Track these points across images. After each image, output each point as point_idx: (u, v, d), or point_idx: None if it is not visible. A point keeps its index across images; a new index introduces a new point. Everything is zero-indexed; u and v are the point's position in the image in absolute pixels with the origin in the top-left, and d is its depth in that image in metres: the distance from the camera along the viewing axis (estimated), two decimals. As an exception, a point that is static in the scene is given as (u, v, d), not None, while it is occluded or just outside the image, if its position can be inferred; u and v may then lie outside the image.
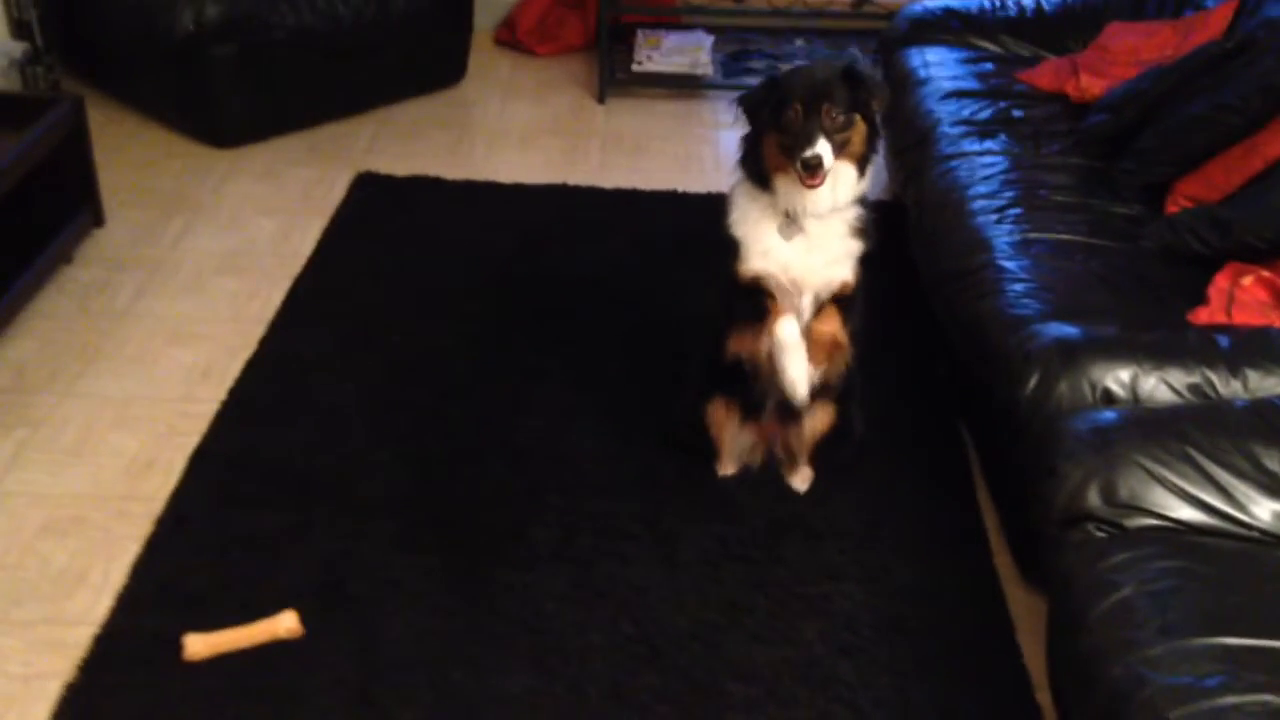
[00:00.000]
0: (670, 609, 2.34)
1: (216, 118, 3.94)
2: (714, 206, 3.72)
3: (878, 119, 2.32)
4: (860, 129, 2.29)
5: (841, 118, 2.24)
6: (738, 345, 2.44)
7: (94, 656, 2.18)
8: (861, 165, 2.31)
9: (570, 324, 3.18)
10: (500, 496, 2.60)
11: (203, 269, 3.35)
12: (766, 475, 2.67)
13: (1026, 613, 2.37)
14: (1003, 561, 2.49)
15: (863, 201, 2.37)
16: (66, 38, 4.12)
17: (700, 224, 3.66)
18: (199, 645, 2.18)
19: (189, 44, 3.70)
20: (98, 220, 3.43)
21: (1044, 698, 2.15)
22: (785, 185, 2.30)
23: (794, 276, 2.35)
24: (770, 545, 2.50)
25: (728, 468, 2.67)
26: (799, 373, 2.36)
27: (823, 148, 2.20)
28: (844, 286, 2.38)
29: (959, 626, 2.34)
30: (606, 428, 2.80)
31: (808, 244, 2.35)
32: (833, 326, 2.39)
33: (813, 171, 2.20)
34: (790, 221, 2.34)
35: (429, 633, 2.27)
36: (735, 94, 2.44)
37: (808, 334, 2.37)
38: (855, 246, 2.37)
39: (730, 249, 2.41)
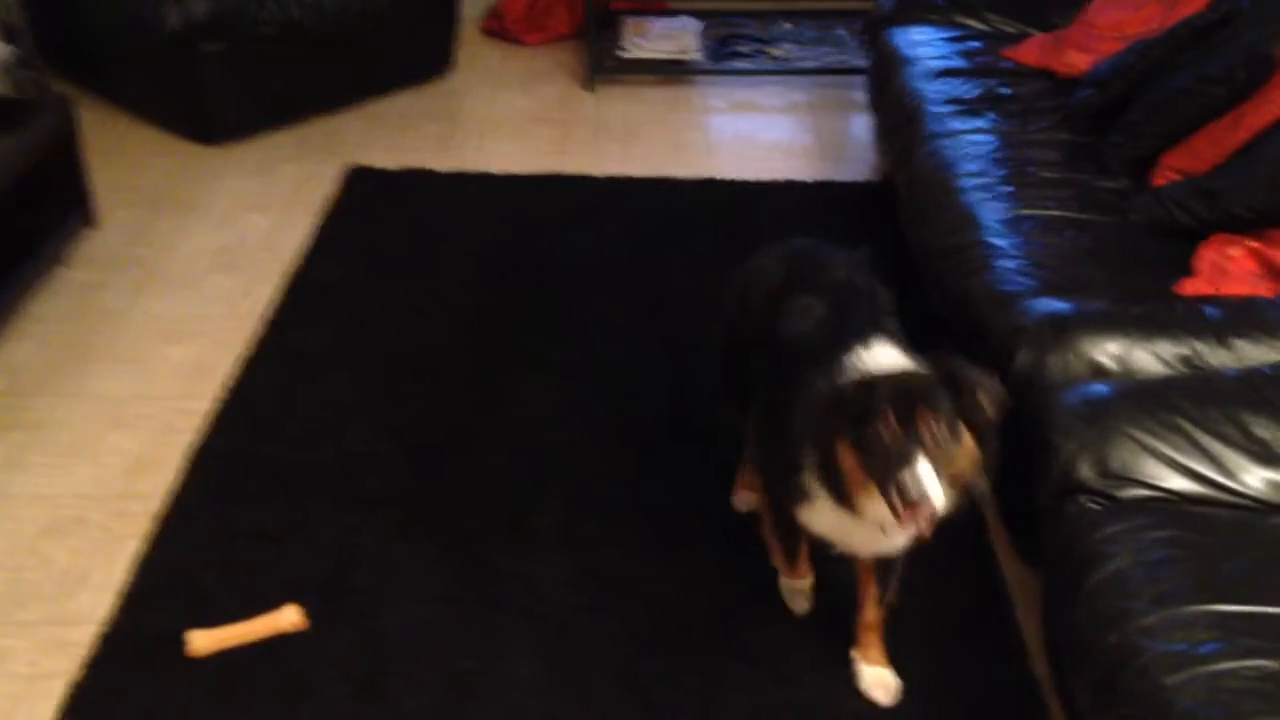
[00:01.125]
0: (673, 593, 2.36)
1: (206, 115, 3.95)
2: (704, 190, 3.75)
3: (990, 435, 1.76)
4: (969, 447, 1.74)
5: (948, 431, 1.71)
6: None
7: (99, 655, 2.19)
8: (963, 488, 1.78)
9: (565, 311, 3.19)
10: (500, 485, 2.61)
11: (196, 267, 3.36)
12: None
13: (1021, 586, 2.39)
14: (998, 537, 2.51)
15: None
16: (54, 40, 4.12)
17: (691, 207, 3.70)
18: (202, 641, 2.19)
19: (176, 42, 3.70)
20: (90, 221, 3.43)
21: (1041, 668, 2.17)
22: (866, 506, 1.79)
23: (843, 547, 2.02)
24: (768, 527, 2.51)
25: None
26: None
27: (929, 478, 1.66)
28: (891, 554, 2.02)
29: (956, 601, 2.36)
30: (604, 414, 2.82)
31: (862, 527, 1.88)
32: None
33: (914, 507, 1.67)
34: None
35: (434, 622, 2.28)
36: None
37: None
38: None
39: (794, 488, 1.93)
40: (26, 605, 2.31)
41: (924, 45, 3.58)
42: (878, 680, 2.17)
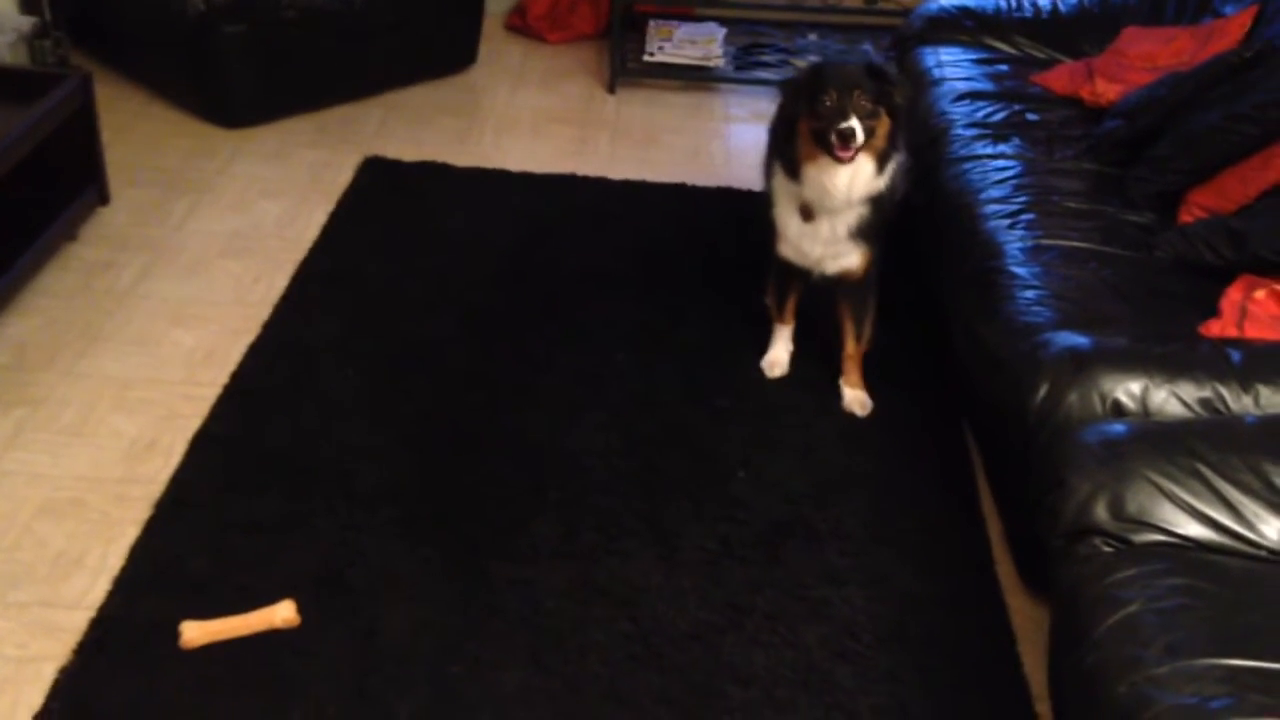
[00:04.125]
0: (670, 609, 2.33)
1: (225, 97, 3.92)
2: (721, 200, 3.73)
3: (900, 115, 2.56)
4: (885, 124, 2.53)
5: (869, 105, 2.49)
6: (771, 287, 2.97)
7: (89, 641, 2.17)
8: (880, 161, 2.57)
9: (575, 315, 3.16)
10: (502, 489, 2.58)
11: (207, 250, 3.33)
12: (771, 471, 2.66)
13: (1028, 622, 2.36)
14: (1005, 570, 2.48)
15: (878, 200, 2.64)
16: (76, 13, 4.09)
17: (708, 217, 3.67)
18: (195, 632, 2.17)
19: (200, 22, 3.67)
20: (103, 198, 3.41)
21: (1044, 709, 2.14)
22: (811, 174, 2.58)
23: (808, 262, 2.77)
24: (772, 547, 2.48)
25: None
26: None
27: (855, 123, 2.44)
28: (849, 273, 2.77)
29: (959, 635, 2.33)
30: (610, 422, 2.79)
31: (817, 234, 2.69)
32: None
33: (845, 141, 2.44)
34: (807, 212, 2.66)
35: (427, 626, 2.26)
36: (766, 85, 2.98)
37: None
38: (861, 241, 2.71)
39: (769, 225, 2.81)
40: (20, 586, 2.28)
41: (952, 66, 3.54)
42: (856, 399, 2.89)
